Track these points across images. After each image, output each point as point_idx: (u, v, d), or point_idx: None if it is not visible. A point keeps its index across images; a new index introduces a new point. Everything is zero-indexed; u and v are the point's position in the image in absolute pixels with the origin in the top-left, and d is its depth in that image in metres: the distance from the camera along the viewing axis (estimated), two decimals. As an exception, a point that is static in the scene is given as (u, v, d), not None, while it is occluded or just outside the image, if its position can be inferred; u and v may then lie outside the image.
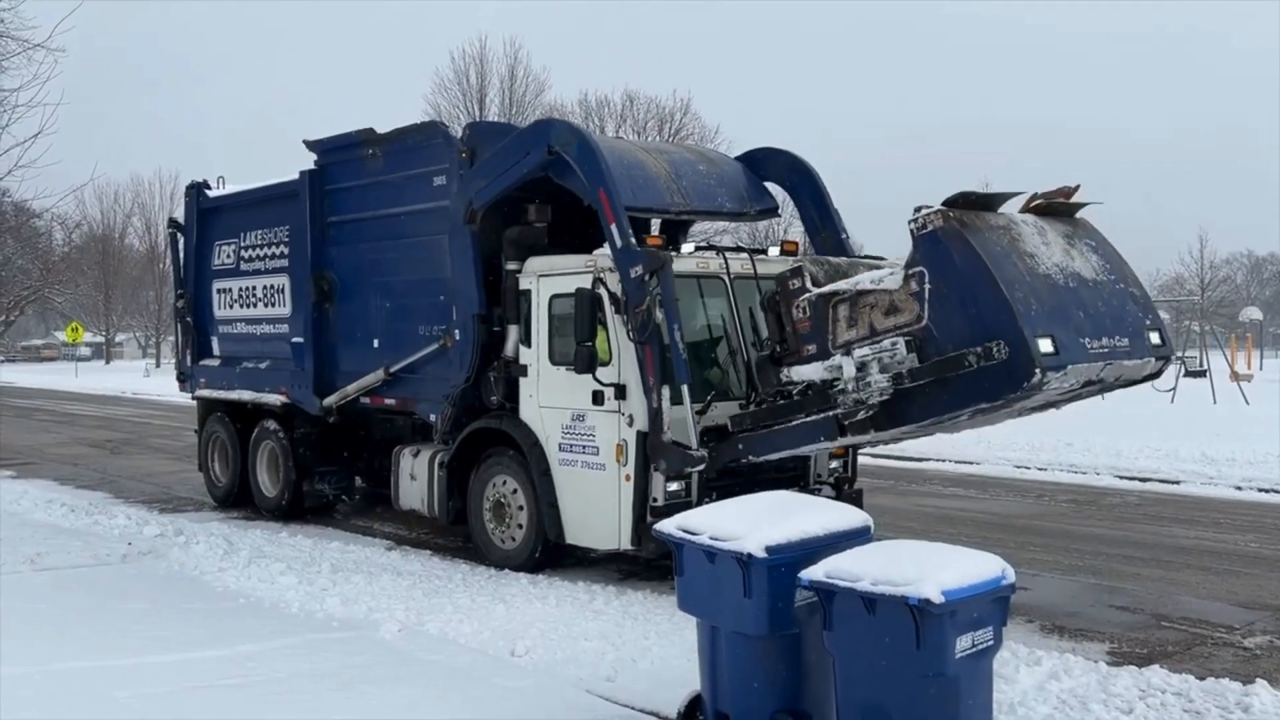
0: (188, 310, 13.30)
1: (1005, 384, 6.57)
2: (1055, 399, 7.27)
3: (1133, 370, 7.26)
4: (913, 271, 6.80)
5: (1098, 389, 7.44)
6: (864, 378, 6.89)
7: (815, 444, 7.65)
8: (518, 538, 9.13)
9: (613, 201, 8.36)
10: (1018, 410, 7.43)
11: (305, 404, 11.30)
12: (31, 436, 21.90)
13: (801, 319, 7.35)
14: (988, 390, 6.66)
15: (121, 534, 10.39)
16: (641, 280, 8.00)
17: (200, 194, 13.12)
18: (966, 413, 7.01)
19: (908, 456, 17.30)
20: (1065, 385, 6.80)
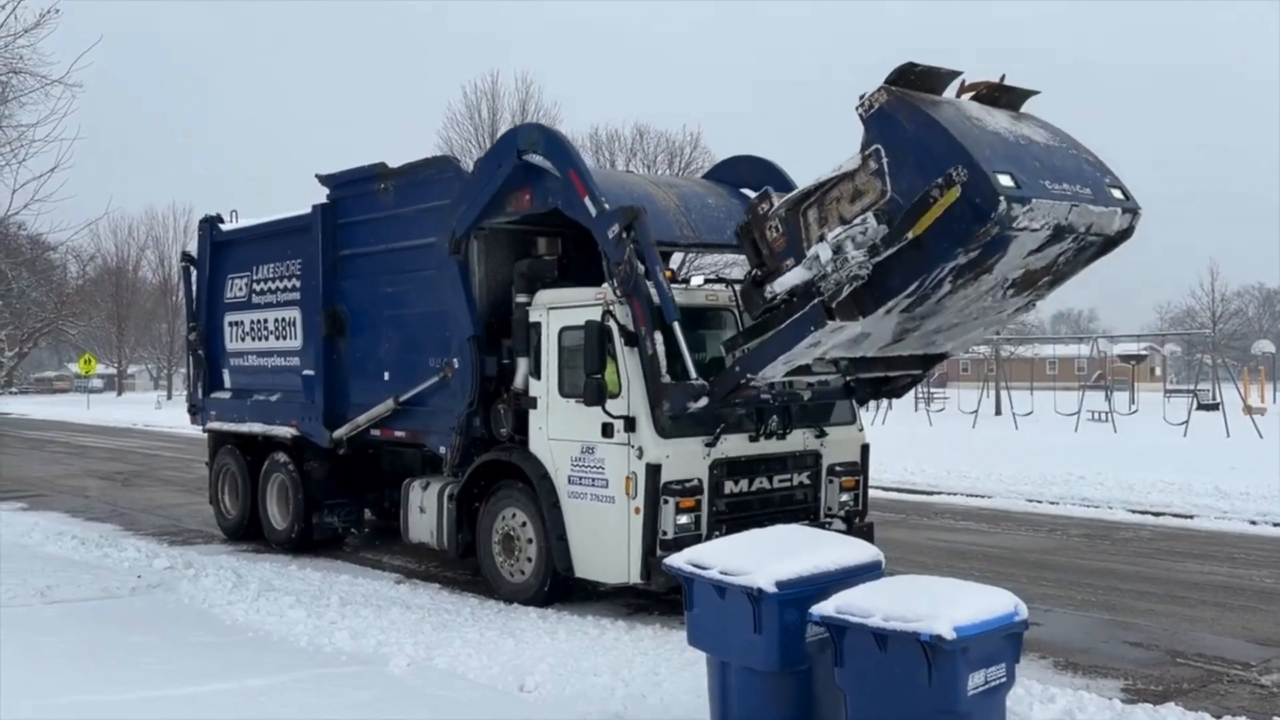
0: (200, 343, 13.36)
1: (973, 220, 6.45)
2: (1036, 262, 7.12)
3: (1103, 220, 7.11)
4: (869, 151, 6.83)
5: (1074, 249, 7.22)
6: (841, 257, 6.84)
7: (806, 338, 7.24)
8: (527, 571, 9.10)
9: (584, 179, 8.60)
10: (1002, 277, 7.21)
11: (315, 436, 11.31)
12: (43, 468, 21.96)
13: (776, 238, 7.35)
14: (957, 232, 6.53)
15: (131, 567, 10.38)
16: (620, 238, 8.14)
17: (214, 228, 13.22)
18: (947, 273, 6.87)
19: (919, 490, 17.23)
20: (1034, 227, 6.66)
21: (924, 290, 7.03)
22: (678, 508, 8.18)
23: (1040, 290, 7.74)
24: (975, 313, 7.71)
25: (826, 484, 9.22)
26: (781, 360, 7.48)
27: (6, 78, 12.44)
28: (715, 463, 8.42)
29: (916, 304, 7.20)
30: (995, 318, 8.07)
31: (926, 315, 7.46)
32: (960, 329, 8.00)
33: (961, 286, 7.13)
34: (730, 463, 8.52)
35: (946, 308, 7.41)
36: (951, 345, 8.41)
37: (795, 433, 8.98)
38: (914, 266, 6.81)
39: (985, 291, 7.38)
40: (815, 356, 7.65)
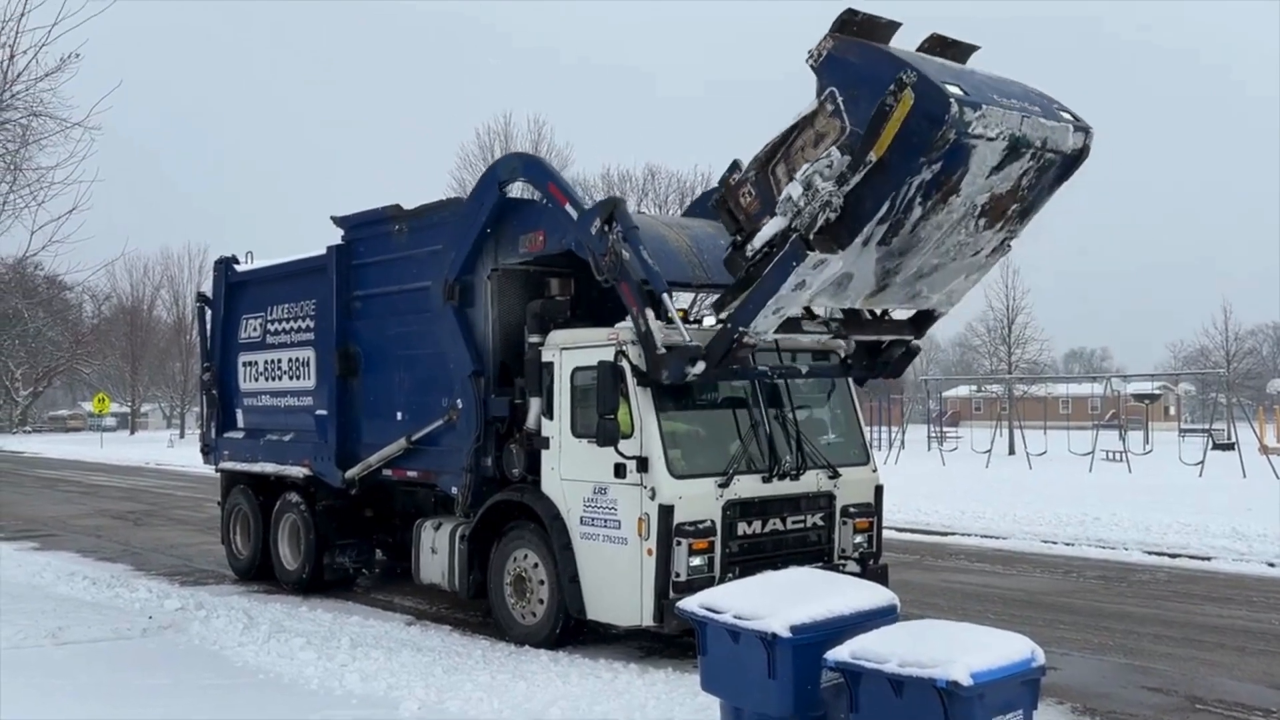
0: (214, 383, 13.42)
1: (929, 126, 6.65)
2: (1000, 184, 7.30)
3: (1057, 135, 7.29)
4: (824, 95, 7.11)
5: (1034, 169, 7.38)
6: (811, 191, 7.04)
7: (790, 277, 7.29)
8: (538, 613, 9.05)
9: (563, 189, 8.99)
10: (970, 202, 7.36)
11: (328, 476, 11.32)
12: (55, 508, 21.99)
13: (750, 202, 7.59)
14: (916, 142, 6.71)
15: (142, 607, 10.36)
16: (602, 231, 8.38)
17: (229, 269, 13.32)
18: (915, 191, 7.01)
19: (932, 531, 17.12)
20: (990, 135, 6.85)
21: (896, 213, 7.16)
22: (691, 549, 8.14)
23: (1011, 222, 7.84)
24: (952, 250, 7.83)
25: (840, 525, 9.18)
26: (770, 307, 7.55)
27: (28, 120, 12.62)
28: (728, 504, 8.39)
29: (891, 233, 7.33)
30: (973, 260, 8.14)
31: (905, 250, 7.58)
32: (941, 274, 8.09)
33: (932, 210, 7.28)
34: (743, 504, 8.49)
35: (922, 239, 7.53)
36: (937, 297, 8.46)
37: (809, 473, 8.95)
38: (882, 186, 6.98)
39: (957, 221, 7.52)
40: (803, 302, 7.76)
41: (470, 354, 9.66)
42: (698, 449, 8.75)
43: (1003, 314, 44.04)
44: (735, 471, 8.47)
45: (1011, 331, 43.88)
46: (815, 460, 9.03)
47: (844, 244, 7.20)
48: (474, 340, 9.75)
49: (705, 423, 9.03)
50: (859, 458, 9.62)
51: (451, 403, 9.79)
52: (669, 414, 8.53)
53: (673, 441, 8.43)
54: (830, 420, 9.81)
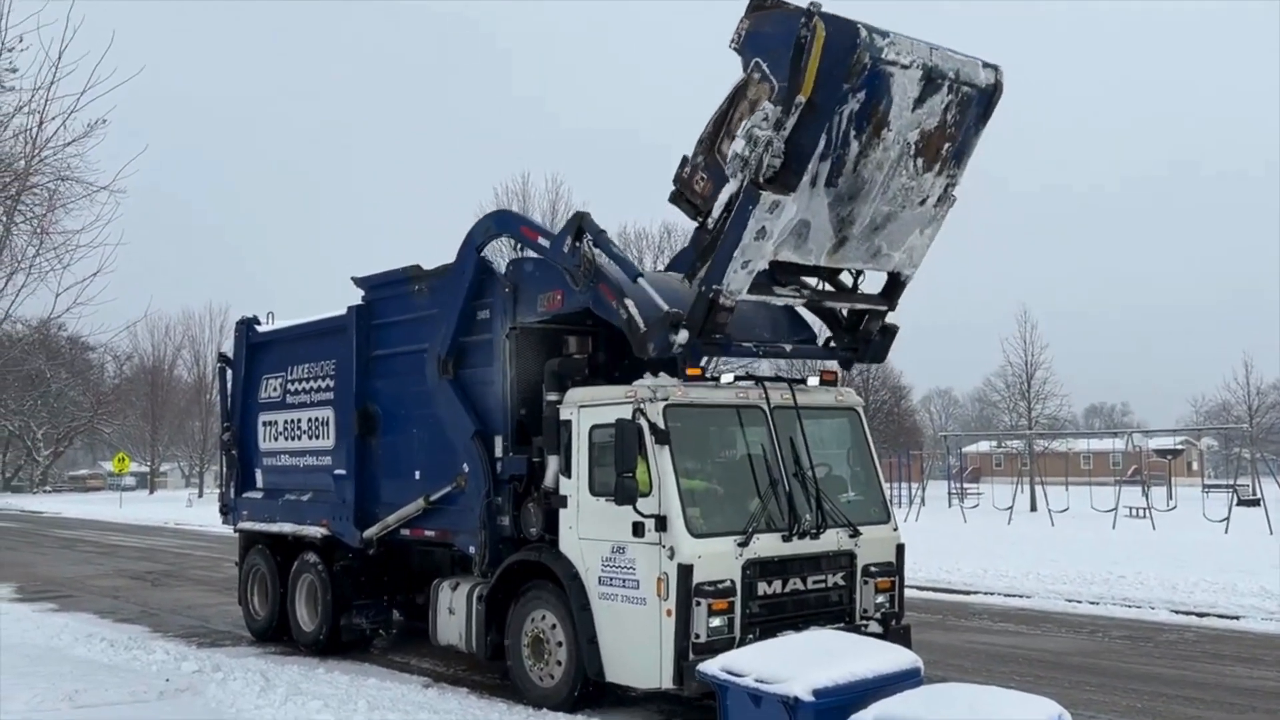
0: (234, 443, 13.47)
1: (845, 54, 7.28)
2: (927, 120, 7.84)
3: (968, 68, 7.94)
4: (751, 67, 7.74)
5: (955, 103, 7.93)
6: (753, 140, 7.49)
7: (749, 225, 7.63)
8: (556, 675, 8.96)
9: (533, 227, 9.62)
10: (903, 140, 7.87)
11: (346, 536, 11.31)
12: (74, 568, 22.00)
13: (704, 185, 8.01)
14: (836, 71, 7.30)
15: (159, 670, 10.31)
16: (573, 247, 8.74)
17: (250, 329, 13.44)
18: (847, 123, 7.50)
19: (955, 589, 16.90)
20: (904, 62, 7.46)
21: (835, 148, 7.62)
22: (710, 610, 8.05)
23: (948, 164, 8.28)
24: (899, 196, 8.23)
25: (861, 585, 9.07)
26: (737, 261, 7.81)
27: (55, 185, 12.86)
28: (748, 563, 8.32)
29: (835, 171, 7.77)
30: (922, 210, 8.48)
31: (853, 194, 7.99)
32: (896, 227, 8.46)
33: (869, 146, 7.75)
34: (763, 563, 8.42)
35: (866, 180, 7.95)
36: (898, 256, 8.75)
37: (829, 532, 8.88)
38: (816, 123, 7.48)
39: (896, 160, 7.98)
40: (767, 253, 7.97)
41: (470, 416, 9.82)
42: (716, 507, 8.71)
43: (1021, 369, 43.93)
44: (755, 530, 8.41)
45: (1031, 387, 43.70)
46: (835, 519, 8.96)
47: (793, 185, 7.60)
48: (482, 400, 9.83)
49: (724, 480, 8.99)
50: (879, 516, 9.54)
51: (458, 469, 9.89)
52: (687, 472, 8.51)
53: (691, 500, 8.39)
54: (850, 477, 9.75)
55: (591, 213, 8.99)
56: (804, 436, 9.03)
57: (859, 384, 49.28)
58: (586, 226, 8.73)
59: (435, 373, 10.18)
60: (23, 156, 11.74)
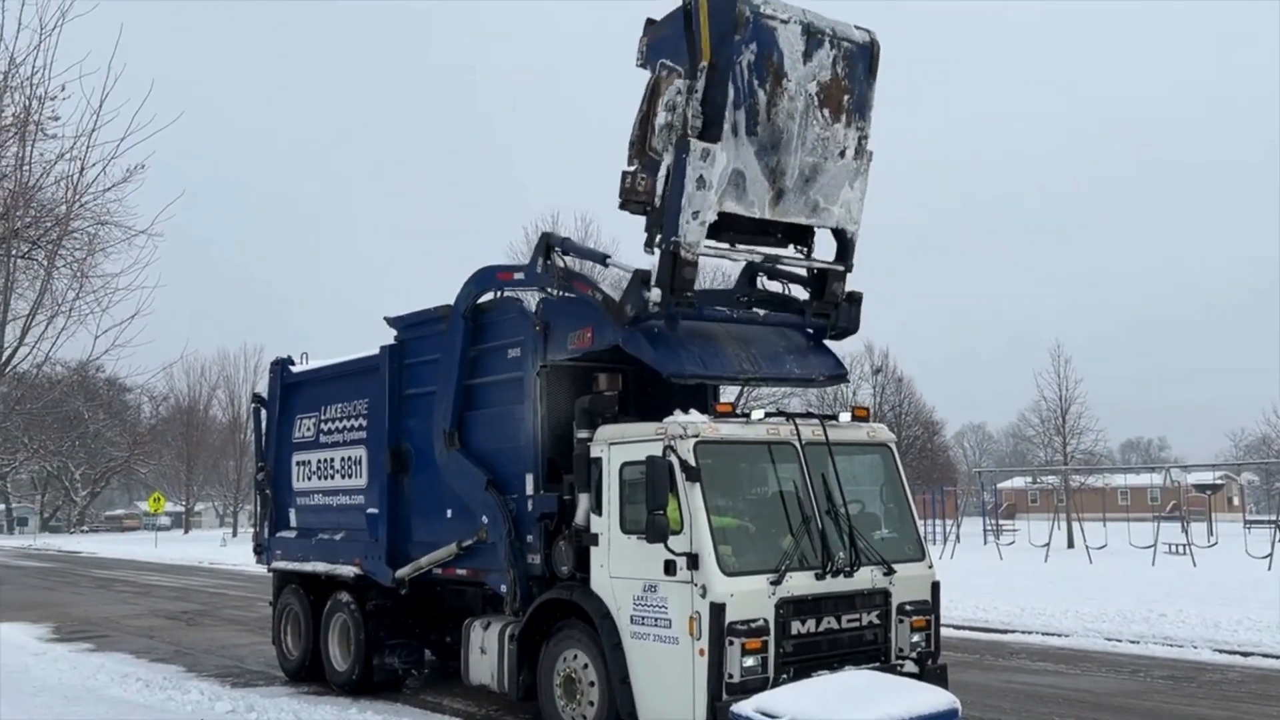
0: (267, 482, 13.57)
1: (728, 9, 8.13)
2: (821, 73, 8.67)
3: (843, 28, 8.85)
4: (658, 68, 8.57)
5: (840, 58, 8.79)
6: (674, 108, 8.33)
7: (687, 174, 8.26)
8: (589, 716, 8.88)
9: (506, 268, 10.21)
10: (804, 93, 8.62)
11: (378, 575, 11.33)
12: (109, 608, 22.16)
13: (645, 183, 8.58)
14: (726, 27, 8.17)
15: (194, 710, 10.35)
16: (545, 265, 9.47)
17: (284, 369, 13.58)
18: (748, 74, 8.32)
19: (992, 628, 16.66)
20: (783, 17, 8.37)
21: (745, 97, 8.36)
22: (744, 649, 7.96)
23: (852, 116, 8.96)
24: (818, 147, 8.87)
25: (897, 624, 8.96)
26: (686, 213, 8.34)
27: (95, 229, 13.12)
28: (781, 601, 8.24)
29: (751, 120, 8.46)
30: (844, 162, 9.06)
31: (775, 143, 8.64)
32: (825, 180, 9.01)
33: (775, 96, 8.51)
34: (796, 602, 8.33)
35: (782, 129, 8.62)
36: (837, 211, 9.21)
37: (863, 570, 8.78)
38: (720, 77, 8.28)
39: (804, 111, 8.70)
40: (712, 203, 8.45)
41: (480, 470, 10.08)
42: (749, 545, 8.65)
43: (1055, 404, 43.48)
44: (788, 568, 8.34)
45: (1065, 421, 43.22)
46: (870, 556, 8.87)
47: (717, 135, 8.31)
48: (512, 439, 9.89)
49: (756, 518, 8.94)
50: (914, 553, 9.44)
51: (481, 526, 10.00)
52: (719, 509, 8.47)
53: (723, 538, 8.34)
54: (883, 514, 9.67)
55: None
56: (836, 473, 8.97)
57: (891, 420, 49.00)
58: (552, 241, 9.57)
59: (443, 447, 10.49)
60: (64, 202, 11.99)
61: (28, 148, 11.46)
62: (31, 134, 11.51)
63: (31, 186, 12.02)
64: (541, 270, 9.59)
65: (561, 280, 9.47)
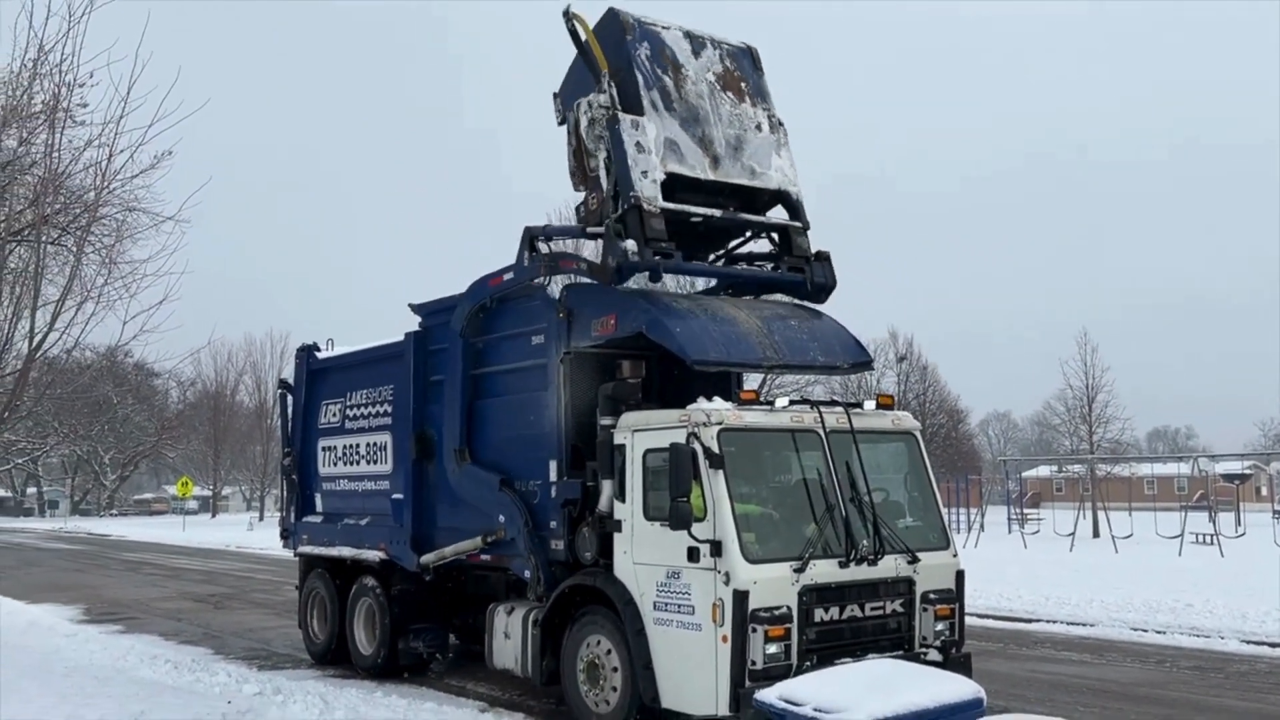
0: (293, 468, 13.67)
1: (612, 22, 9.43)
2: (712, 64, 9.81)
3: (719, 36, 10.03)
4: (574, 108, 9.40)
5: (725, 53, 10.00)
6: (592, 107, 9.27)
7: (624, 140, 9.05)
8: (612, 701, 8.92)
9: (494, 273, 10.34)
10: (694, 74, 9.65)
11: (403, 560, 11.40)
12: (138, 590, 22.43)
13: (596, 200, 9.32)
14: (614, 40, 9.31)
15: (222, 692, 10.46)
16: (532, 257, 9.84)
17: (310, 355, 13.66)
18: (650, 65, 9.39)
19: (1016, 618, 16.58)
20: (663, 24, 9.55)
21: (653, 84, 9.35)
22: (766, 636, 7.98)
23: (756, 99, 9.96)
24: (736, 122, 9.75)
25: (920, 612, 8.94)
26: (635, 170, 8.99)
27: (123, 216, 13.23)
28: (805, 589, 8.24)
29: (665, 98, 9.40)
30: (765, 135, 9.92)
31: (694, 117, 9.50)
32: (753, 150, 9.78)
33: (679, 81, 9.55)
34: (820, 589, 8.33)
35: (696, 107, 9.56)
36: (774, 174, 9.86)
37: (887, 559, 8.77)
38: (625, 75, 9.30)
39: (709, 92, 9.67)
40: (655, 164, 9.12)
41: (490, 475, 10.24)
42: (772, 532, 8.65)
43: (1082, 392, 43.13)
44: (811, 556, 8.33)
45: (1092, 410, 42.86)
46: (893, 544, 8.85)
47: (641, 110, 9.20)
48: (536, 425, 9.94)
49: (779, 505, 8.93)
50: (938, 542, 9.41)
51: (498, 525, 10.10)
52: (742, 496, 8.47)
53: (746, 525, 8.34)
54: (908, 503, 9.63)
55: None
56: (860, 461, 8.95)
57: (915, 408, 48.76)
58: (534, 233, 9.94)
59: (455, 466, 10.65)
60: (92, 189, 12.08)
61: (57, 135, 11.56)
62: (60, 121, 11.61)
63: (61, 173, 12.12)
64: (528, 263, 9.88)
65: (548, 266, 9.75)
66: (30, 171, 12.85)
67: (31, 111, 12.12)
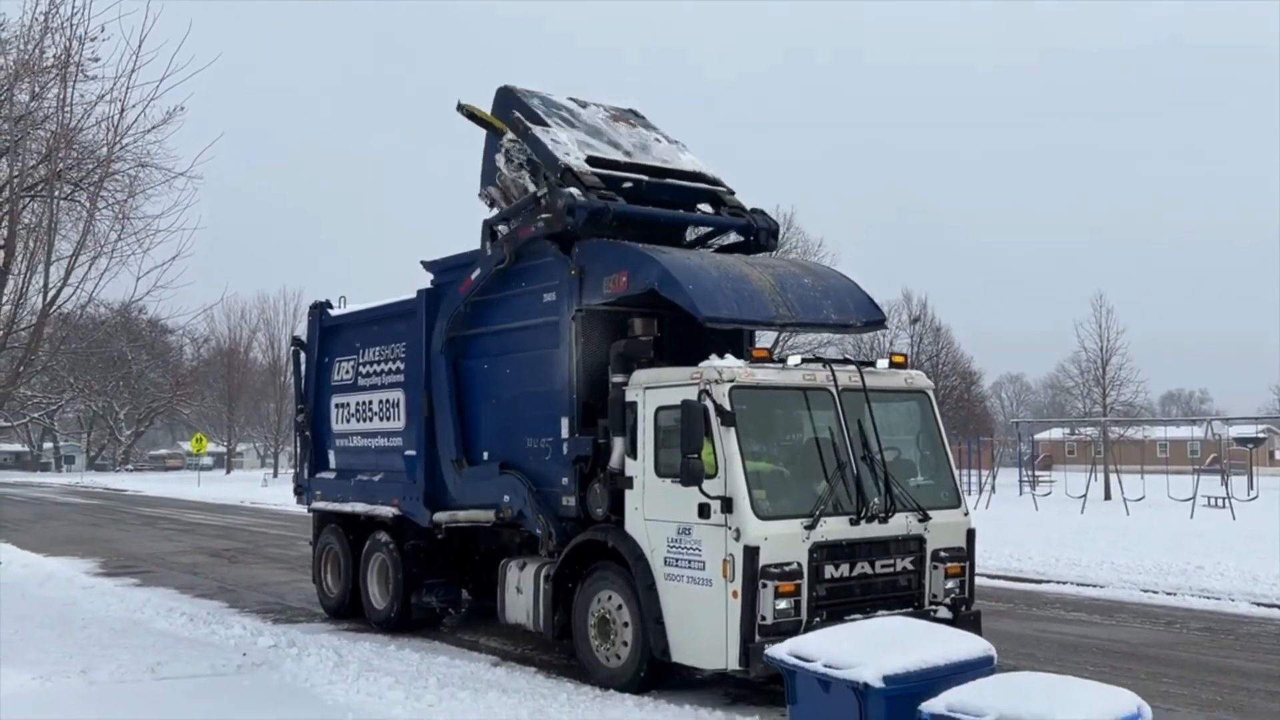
0: (307, 424, 13.73)
1: (502, 97, 11.07)
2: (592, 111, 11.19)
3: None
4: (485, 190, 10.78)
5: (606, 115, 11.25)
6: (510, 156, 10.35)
7: (543, 140, 10.11)
8: (623, 655, 9.00)
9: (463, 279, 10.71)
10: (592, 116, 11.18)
11: (416, 516, 11.46)
12: (154, 545, 22.66)
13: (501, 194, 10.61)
14: (504, 111, 10.74)
15: (237, 644, 10.58)
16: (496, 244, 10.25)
17: (323, 313, 13.67)
18: (541, 112, 10.67)
19: (1026, 578, 16.62)
20: (531, 90, 10.84)
21: (553, 112, 10.60)
22: (777, 592, 8.02)
23: (649, 127, 11.35)
24: (632, 136, 10.93)
25: (931, 570, 8.97)
26: (558, 152, 9.92)
27: (135, 171, 13.22)
28: (815, 546, 8.26)
29: (570, 123, 10.53)
30: (666, 145, 11.11)
31: (595, 133, 10.59)
32: (658, 150, 10.82)
33: (575, 115, 10.89)
34: (831, 546, 8.35)
35: (595, 128, 10.72)
36: (686, 158, 10.88)
37: (898, 517, 8.78)
38: (525, 124, 10.30)
39: (606, 123, 10.95)
40: (575, 148, 10.07)
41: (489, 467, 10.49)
42: (783, 490, 8.66)
43: (1096, 355, 42.92)
44: (822, 513, 8.35)
45: (1106, 373, 42.67)
46: (905, 503, 8.86)
47: (548, 126, 10.36)
48: (548, 383, 9.96)
49: (790, 463, 8.94)
50: (950, 500, 9.41)
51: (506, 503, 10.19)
52: (754, 454, 8.47)
53: (757, 482, 8.35)
54: (919, 461, 9.63)
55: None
56: (872, 419, 8.94)
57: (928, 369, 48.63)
58: (490, 223, 10.41)
59: (454, 475, 10.86)
60: (105, 144, 12.07)
61: (68, 89, 11.54)
62: (72, 75, 11.58)
63: (73, 128, 12.10)
64: (491, 253, 10.33)
65: (511, 247, 10.09)
66: (43, 126, 12.83)
67: (43, 66, 12.08)
